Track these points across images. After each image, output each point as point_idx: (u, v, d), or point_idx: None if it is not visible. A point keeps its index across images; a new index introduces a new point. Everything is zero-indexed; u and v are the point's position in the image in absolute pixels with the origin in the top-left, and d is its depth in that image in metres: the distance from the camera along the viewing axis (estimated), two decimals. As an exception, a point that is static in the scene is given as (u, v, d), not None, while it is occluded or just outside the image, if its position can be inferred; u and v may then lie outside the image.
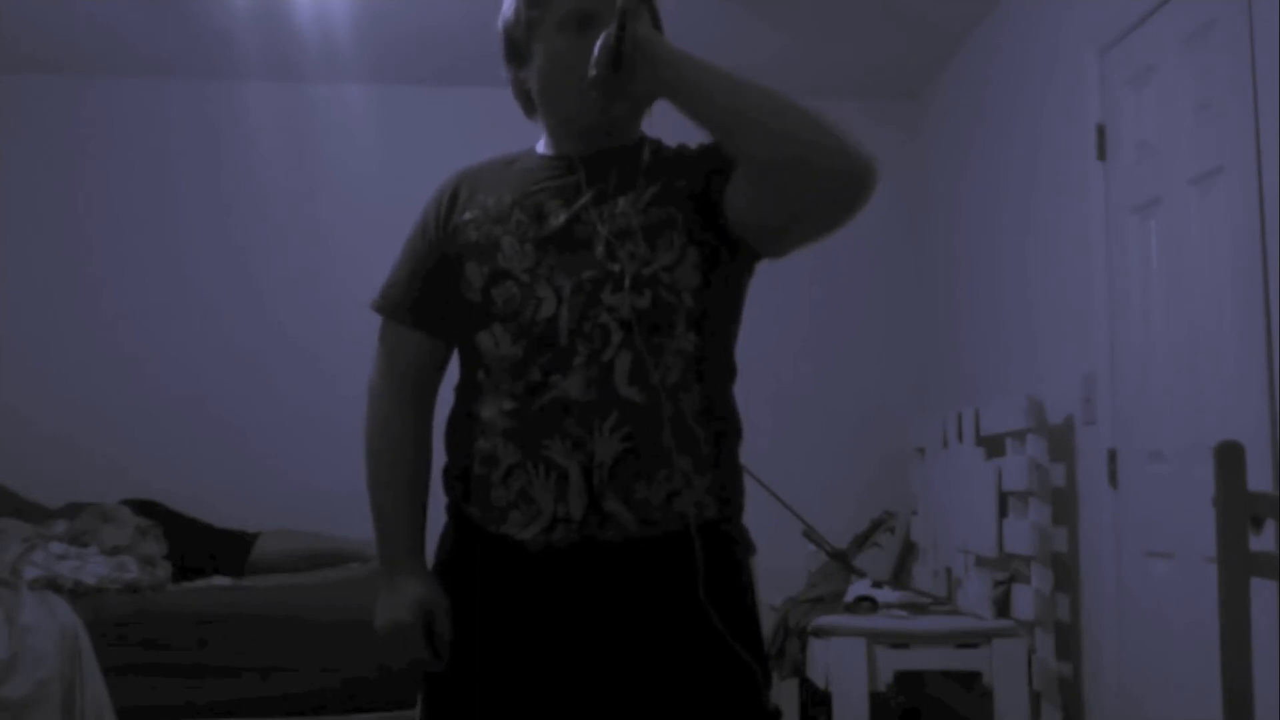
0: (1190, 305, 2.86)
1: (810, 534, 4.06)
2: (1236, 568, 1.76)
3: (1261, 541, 1.80)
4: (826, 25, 4.18)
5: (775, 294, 2.59)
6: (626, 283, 1.53)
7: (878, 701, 3.46)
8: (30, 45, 4.32)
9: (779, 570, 3.79)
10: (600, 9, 1.57)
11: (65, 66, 4.53)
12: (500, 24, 1.68)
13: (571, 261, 1.55)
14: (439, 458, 1.67)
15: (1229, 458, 1.78)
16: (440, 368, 1.71)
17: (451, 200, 1.67)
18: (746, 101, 1.47)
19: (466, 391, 1.63)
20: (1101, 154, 3.27)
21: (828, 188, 1.47)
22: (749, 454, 1.68)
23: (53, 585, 3.41)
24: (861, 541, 4.10)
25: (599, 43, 1.49)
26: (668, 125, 1.66)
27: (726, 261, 1.59)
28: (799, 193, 1.48)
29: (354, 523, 2.73)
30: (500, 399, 1.56)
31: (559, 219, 1.58)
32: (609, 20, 1.52)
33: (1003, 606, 3.52)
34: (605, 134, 1.63)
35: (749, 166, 1.49)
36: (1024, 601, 3.44)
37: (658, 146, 1.66)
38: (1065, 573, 3.46)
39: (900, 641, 3.42)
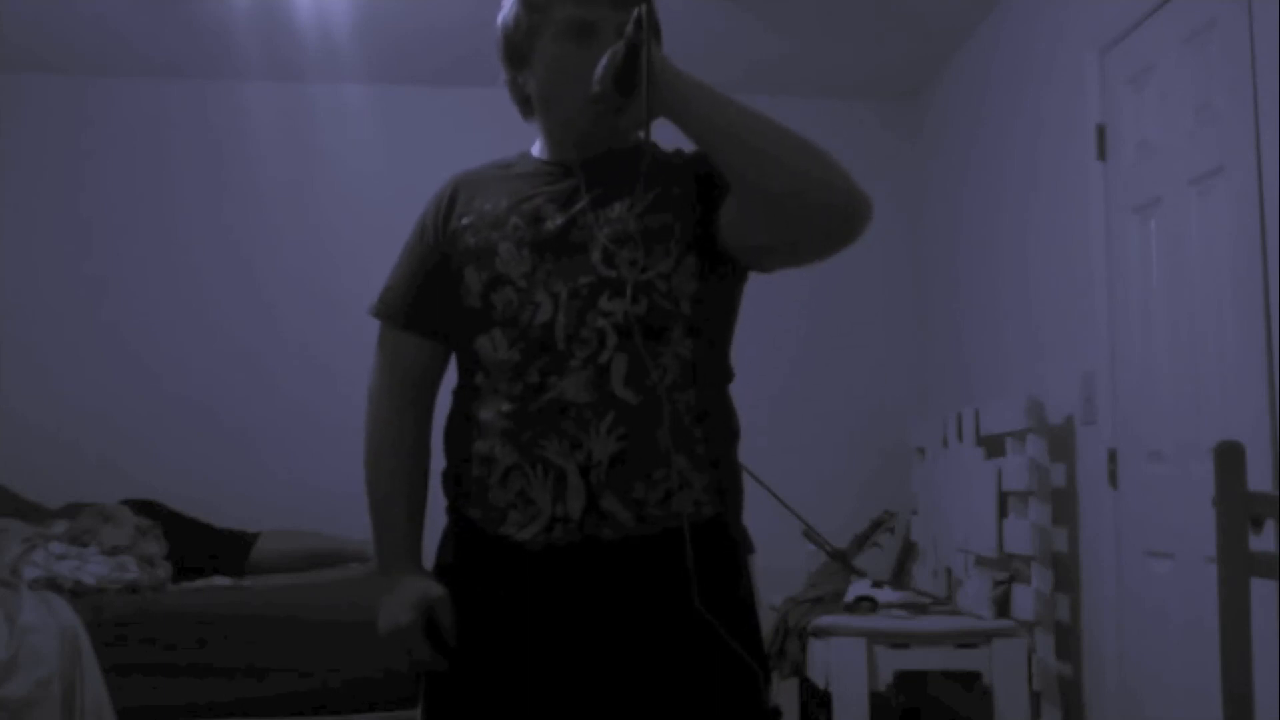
0: (1190, 305, 2.86)
1: (810, 534, 4.06)
2: (1236, 568, 1.76)
3: (1261, 541, 1.80)
4: (826, 25, 4.18)
5: (775, 293, 2.59)
6: (628, 290, 1.53)
7: (878, 701, 3.46)
8: (30, 45, 4.32)
9: (779, 570, 3.79)
10: (601, 19, 1.57)
11: (65, 66, 4.53)
12: (499, 26, 1.67)
13: (568, 266, 1.56)
14: (438, 461, 1.68)
15: (1229, 458, 1.78)
16: (439, 371, 1.71)
17: (449, 205, 1.67)
18: (750, 132, 1.47)
19: (465, 394, 1.63)
20: (1101, 154, 3.27)
21: (823, 223, 1.48)
22: (748, 454, 1.68)
23: (53, 585, 3.40)
24: (861, 541, 4.10)
25: (604, 60, 1.49)
26: (668, 128, 1.66)
27: (723, 268, 1.59)
28: (792, 224, 1.49)
29: (354, 523, 2.74)
30: (498, 401, 1.56)
31: (555, 223, 1.58)
32: (609, 29, 1.53)
33: (1003, 606, 3.52)
34: (603, 140, 1.63)
35: (745, 194, 1.49)
36: (1024, 601, 3.44)
37: (655, 150, 1.66)
38: (1065, 573, 3.46)
39: (900, 641, 3.42)
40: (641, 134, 1.52)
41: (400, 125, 4.67)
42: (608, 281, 1.54)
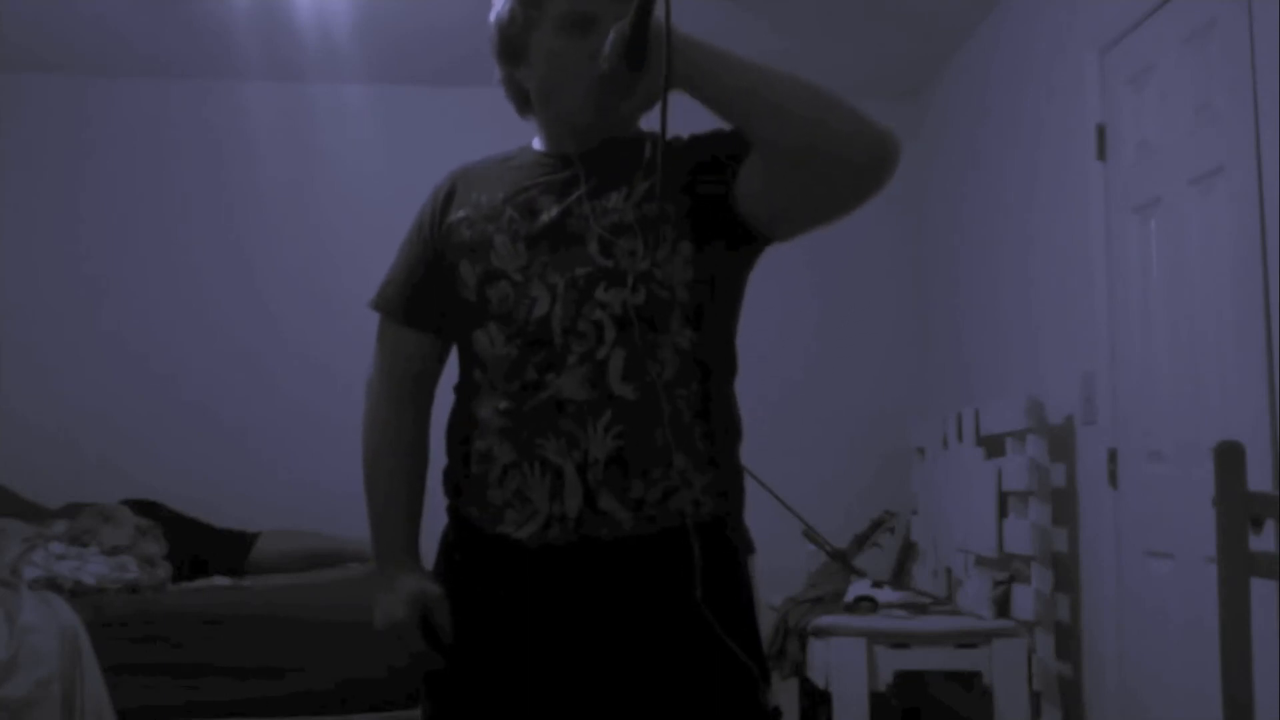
0: (1190, 305, 2.86)
1: (810, 534, 4.06)
2: (1236, 568, 1.76)
3: (1261, 541, 1.80)
4: (826, 25, 4.18)
5: (775, 293, 2.59)
6: (630, 280, 1.52)
7: (878, 701, 3.45)
8: (30, 45, 4.32)
9: (779, 570, 3.79)
10: (600, 11, 1.56)
11: (65, 66, 4.52)
12: (493, 20, 1.66)
13: (564, 258, 1.55)
14: (438, 457, 1.67)
15: (1229, 458, 1.78)
16: (438, 366, 1.71)
17: (447, 198, 1.67)
18: (769, 88, 1.45)
19: (464, 390, 1.62)
20: (1101, 154, 3.27)
21: (852, 173, 1.45)
22: (749, 454, 1.67)
23: (53, 585, 3.40)
24: (861, 541, 4.10)
25: (611, 36, 1.48)
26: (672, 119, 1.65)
27: (722, 253, 1.58)
28: (822, 177, 1.46)
29: (354, 523, 2.73)
30: (496, 398, 1.56)
31: (550, 215, 1.58)
32: (608, 22, 1.52)
33: (1003, 606, 3.52)
34: (603, 131, 1.62)
35: (772, 152, 1.46)
36: (1024, 601, 3.44)
37: (656, 140, 1.65)
38: (1065, 573, 3.46)
39: (900, 641, 3.42)
40: (645, 121, 1.50)
41: (400, 125, 4.67)
42: (605, 271, 1.53)
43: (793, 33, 4.23)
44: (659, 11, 1.43)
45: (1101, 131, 3.27)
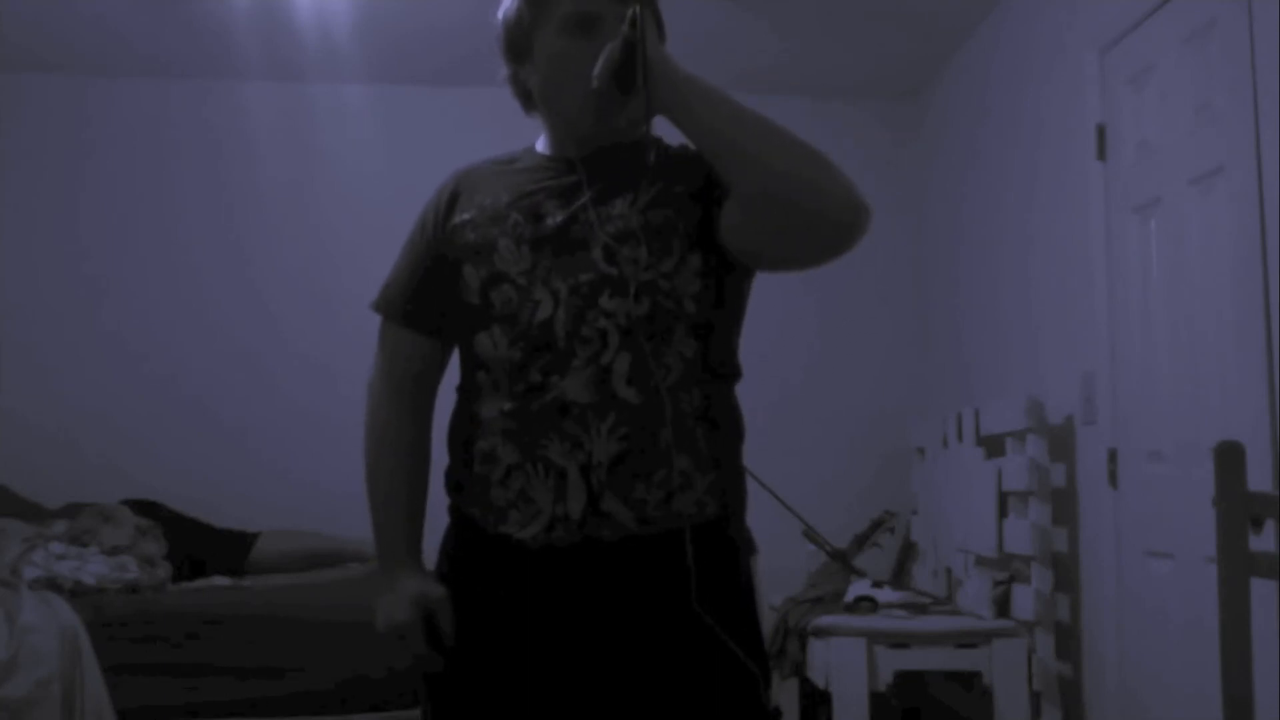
0: (1190, 305, 2.86)
1: (810, 534, 4.06)
2: (1236, 568, 1.76)
3: (1261, 541, 1.80)
4: (827, 25, 4.18)
5: (776, 293, 2.59)
6: (631, 289, 1.52)
7: (878, 701, 3.46)
8: (30, 45, 4.32)
9: (779, 570, 3.79)
10: (603, 11, 1.56)
11: (65, 66, 4.52)
12: (499, 19, 1.67)
13: (568, 263, 1.55)
14: (440, 457, 1.67)
15: (1229, 458, 1.78)
16: (439, 368, 1.71)
17: (450, 201, 1.67)
18: (747, 133, 1.46)
19: (467, 391, 1.63)
20: (1101, 154, 3.27)
21: (817, 229, 1.47)
22: (749, 454, 1.68)
23: (53, 585, 3.40)
24: (861, 541, 4.10)
25: (603, 57, 1.49)
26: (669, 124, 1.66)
27: (728, 265, 1.59)
28: (787, 230, 1.48)
29: (354, 523, 2.74)
30: (500, 399, 1.56)
31: (556, 220, 1.58)
32: (611, 22, 1.52)
33: (1003, 606, 3.52)
34: (605, 136, 1.62)
35: (740, 196, 1.48)
36: (1024, 601, 3.44)
37: (661, 146, 1.65)
38: (1065, 573, 3.46)
39: (900, 641, 3.42)
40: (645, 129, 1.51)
41: (400, 125, 4.67)
42: (609, 279, 1.53)
43: (793, 33, 4.23)
44: (649, 38, 1.47)
45: (1101, 131, 3.27)
